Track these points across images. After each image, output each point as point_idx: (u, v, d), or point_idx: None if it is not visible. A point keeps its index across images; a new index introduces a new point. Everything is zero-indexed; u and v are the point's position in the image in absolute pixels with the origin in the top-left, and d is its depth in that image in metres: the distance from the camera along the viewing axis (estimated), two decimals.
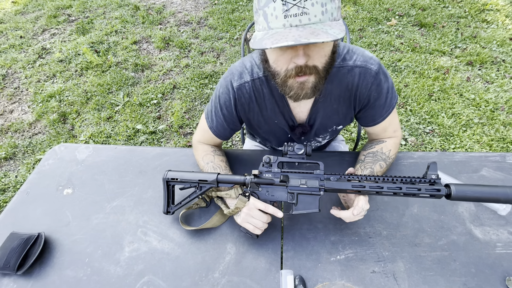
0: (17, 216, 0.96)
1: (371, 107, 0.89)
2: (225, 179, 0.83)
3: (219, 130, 0.95)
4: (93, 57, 2.97)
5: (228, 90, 0.87)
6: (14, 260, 0.80)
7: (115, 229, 0.91)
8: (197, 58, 2.95)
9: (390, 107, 0.89)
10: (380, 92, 0.85)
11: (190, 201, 0.89)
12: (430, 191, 0.69)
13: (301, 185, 0.77)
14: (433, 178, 0.71)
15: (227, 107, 0.89)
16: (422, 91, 2.41)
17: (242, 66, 0.86)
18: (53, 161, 1.12)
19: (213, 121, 0.94)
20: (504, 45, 2.73)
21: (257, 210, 0.80)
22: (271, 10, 0.59)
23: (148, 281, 0.79)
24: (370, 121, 0.93)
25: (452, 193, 0.68)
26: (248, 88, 0.85)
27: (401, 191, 0.71)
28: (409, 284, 0.75)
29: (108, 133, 2.35)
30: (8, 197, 1.99)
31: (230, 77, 0.86)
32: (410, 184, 0.71)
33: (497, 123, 2.13)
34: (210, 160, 0.95)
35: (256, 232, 0.81)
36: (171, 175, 0.86)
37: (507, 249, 0.80)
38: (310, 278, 0.77)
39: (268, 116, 0.91)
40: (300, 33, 0.57)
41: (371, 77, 0.81)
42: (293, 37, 0.56)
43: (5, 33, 3.55)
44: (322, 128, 0.96)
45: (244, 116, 0.92)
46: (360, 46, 2.92)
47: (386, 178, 0.73)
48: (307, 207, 0.78)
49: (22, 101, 2.73)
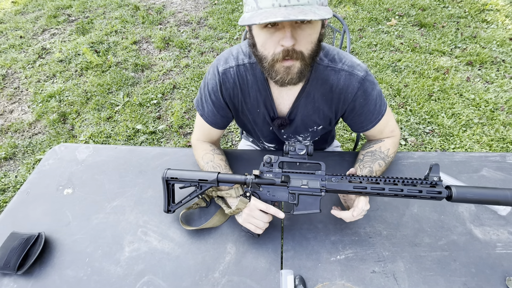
0: (17, 216, 0.96)
1: (358, 114, 0.89)
2: (225, 179, 0.83)
3: (210, 117, 0.95)
4: (93, 57, 2.97)
5: (214, 76, 0.88)
6: (15, 260, 0.80)
7: (115, 229, 0.91)
8: (197, 58, 2.96)
9: (380, 114, 0.89)
10: (367, 98, 0.86)
11: (190, 200, 0.89)
12: (431, 193, 0.69)
13: (302, 185, 0.77)
14: (434, 180, 0.70)
15: (215, 92, 0.90)
16: (422, 91, 2.41)
17: (229, 52, 0.88)
18: (53, 161, 1.12)
19: (203, 108, 0.95)
20: (504, 45, 2.73)
21: (258, 210, 0.80)
22: None
23: (148, 281, 0.79)
24: (360, 128, 0.94)
25: (453, 196, 0.68)
26: (232, 73, 0.86)
27: (402, 193, 0.71)
28: (409, 284, 0.75)
29: (108, 133, 2.35)
30: (8, 197, 2.00)
31: (216, 63, 0.88)
32: (412, 186, 0.71)
33: (497, 123, 2.13)
34: (210, 160, 0.95)
35: (257, 232, 0.82)
36: (170, 174, 0.86)
37: (507, 249, 0.80)
38: (310, 278, 0.77)
39: (251, 104, 0.91)
40: (289, 11, 0.59)
41: (357, 82, 0.83)
42: (282, 14, 0.58)
43: (5, 33, 3.55)
44: (303, 126, 0.96)
45: (230, 102, 0.92)
46: (360, 46, 2.92)
47: (387, 179, 0.73)
48: (308, 208, 0.78)
49: (22, 101, 2.73)
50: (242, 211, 0.83)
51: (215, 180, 0.82)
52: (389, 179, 0.73)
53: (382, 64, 2.69)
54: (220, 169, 0.91)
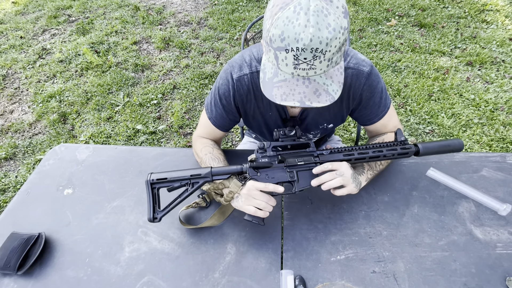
0: (18, 216, 0.96)
1: (364, 107, 0.92)
2: (220, 171, 0.81)
3: (218, 120, 0.97)
4: (93, 57, 2.98)
5: (227, 82, 0.90)
6: (15, 260, 0.80)
7: (115, 229, 0.91)
8: (197, 58, 2.96)
9: (385, 107, 0.93)
10: (372, 92, 0.89)
11: (180, 202, 0.83)
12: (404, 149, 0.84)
13: (298, 163, 0.82)
14: (402, 140, 0.85)
15: (226, 97, 0.92)
16: (422, 91, 2.42)
17: (242, 59, 0.90)
18: (53, 161, 1.12)
19: (212, 111, 0.96)
20: (503, 46, 2.73)
21: (257, 190, 0.78)
22: (282, 57, 0.63)
23: (148, 281, 0.79)
24: (367, 121, 0.97)
25: (420, 150, 0.85)
26: (246, 80, 0.88)
27: (382, 153, 0.83)
28: (409, 284, 0.75)
29: (108, 134, 2.35)
30: (8, 197, 2.00)
31: (230, 69, 0.90)
32: (389, 147, 0.84)
33: (497, 123, 2.13)
34: (209, 152, 0.96)
35: (259, 214, 0.78)
36: (156, 176, 0.80)
37: (508, 249, 0.80)
38: (310, 278, 0.77)
39: (264, 108, 0.94)
40: (305, 90, 0.66)
41: (363, 77, 0.86)
42: (299, 94, 0.66)
43: (6, 34, 3.55)
44: (314, 124, 0.99)
45: (242, 107, 0.95)
46: (360, 46, 2.92)
47: (368, 146, 0.85)
48: (308, 183, 0.81)
49: (22, 102, 2.73)
50: (238, 195, 0.81)
51: (209, 174, 0.80)
52: (370, 146, 0.85)
53: (382, 64, 2.69)
54: (218, 161, 0.92)
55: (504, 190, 0.92)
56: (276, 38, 0.61)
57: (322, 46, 0.60)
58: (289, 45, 0.60)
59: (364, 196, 0.94)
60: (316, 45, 0.59)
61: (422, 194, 0.93)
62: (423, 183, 0.96)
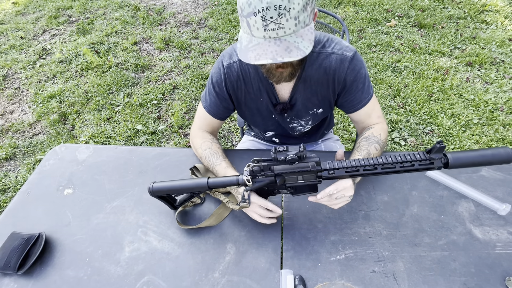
0: (18, 216, 0.96)
1: (348, 92, 0.95)
2: (216, 183, 0.80)
3: (213, 108, 1.01)
4: (94, 57, 2.98)
5: (219, 70, 0.96)
6: (15, 260, 0.81)
7: (115, 229, 0.91)
8: (197, 58, 2.96)
9: (368, 94, 0.95)
10: (356, 76, 0.91)
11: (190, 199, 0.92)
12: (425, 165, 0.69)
13: (298, 182, 0.77)
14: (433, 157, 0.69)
15: (219, 84, 0.97)
16: (422, 92, 2.42)
17: (232, 49, 0.96)
18: (53, 161, 1.12)
19: (207, 100, 1.02)
20: (503, 46, 2.74)
21: (258, 206, 0.84)
22: (252, 22, 0.68)
23: (148, 281, 0.79)
24: (351, 107, 0.98)
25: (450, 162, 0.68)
26: (236, 67, 0.94)
27: (395, 169, 0.70)
28: (409, 284, 0.75)
29: (108, 134, 2.35)
30: (9, 197, 2.00)
31: (221, 59, 0.97)
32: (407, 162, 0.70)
33: (497, 124, 2.14)
34: (208, 147, 0.99)
35: (264, 222, 0.85)
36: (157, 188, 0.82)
37: (507, 249, 0.80)
38: (310, 278, 0.77)
39: (254, 94, 0.98)
40: (276, 48, 0.69)
41: (347, 61, 0.90)
42: (271, 53, 0.69)
43: (6, 34, 3.55)
44: (304, 109, 1.01)
45: (233, 93, 0.99)
46: (360, 46, 2.93)
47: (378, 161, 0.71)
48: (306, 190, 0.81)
49: (22, 102, 2.73)
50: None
51: (206, 186, 0.80)
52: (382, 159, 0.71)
53: (381, 64, 2.70)
54: (217, 156, 0.95)
55: (503, 190, 0.93)
56: (244, 5, 0.67)
57: (284, 2, 0.64)
58: (256, 8, 0.65)
59: (364, 196, 0.94)
60: (278, 2, 0.64)
61: (421, 194, 0.93)
62: (422, 183, 0.96)
